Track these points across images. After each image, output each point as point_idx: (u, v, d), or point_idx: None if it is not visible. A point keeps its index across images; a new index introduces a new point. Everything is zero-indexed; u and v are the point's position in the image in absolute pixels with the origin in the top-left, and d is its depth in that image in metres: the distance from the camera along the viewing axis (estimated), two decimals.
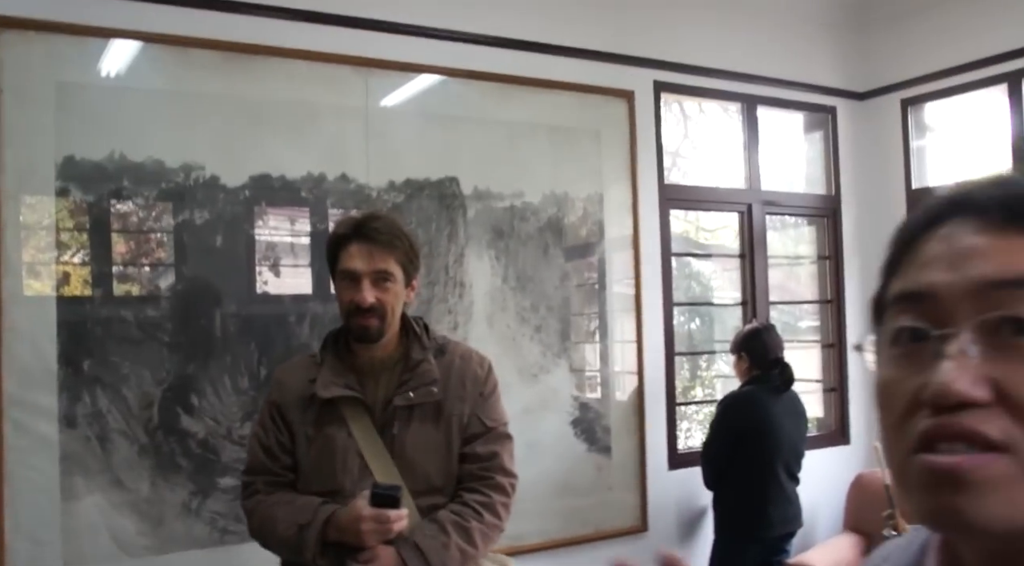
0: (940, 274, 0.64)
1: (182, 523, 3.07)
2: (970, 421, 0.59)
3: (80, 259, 3.00)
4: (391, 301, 2.14)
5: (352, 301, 2.11)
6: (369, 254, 2.12)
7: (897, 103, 4.95)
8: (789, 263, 5.23)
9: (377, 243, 2.13)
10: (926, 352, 0.63)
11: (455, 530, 2.08)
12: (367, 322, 2.11)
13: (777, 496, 3.89)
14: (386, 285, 2.13)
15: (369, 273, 2.12)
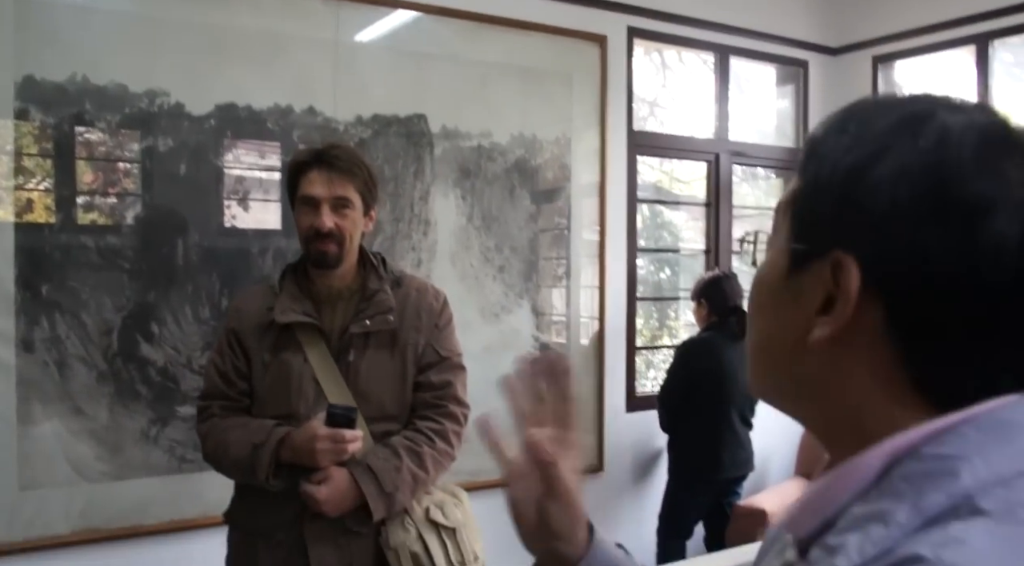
0: None
1: (140, 450, 3.09)
2: None
3: (43, 185, 2.97)
4: (349, 228, 2.15)
5: (311, 226, 2.13)
6: (329, 180, 2.13)
7: (868, 60, 4.98)
8: (758, 214, 5.27)
9: (336, 170, 2.14)
10: None
11: (408, 455, 2.11)
12: (326, 247, 2.13)
13: (730, 440, 3.97)
14: (345, 211, 2.15)
15: (328, 199, 2.13)
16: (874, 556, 0.60)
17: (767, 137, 5.15)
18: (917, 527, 0.60)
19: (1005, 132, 0.66)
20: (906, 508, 0.61)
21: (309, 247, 2.15)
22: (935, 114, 0.66)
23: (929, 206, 0.63)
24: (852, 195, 0.67)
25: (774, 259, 0.74)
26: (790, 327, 0.71)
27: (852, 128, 0.70)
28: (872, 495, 0.65)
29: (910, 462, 0.64)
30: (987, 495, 0.60)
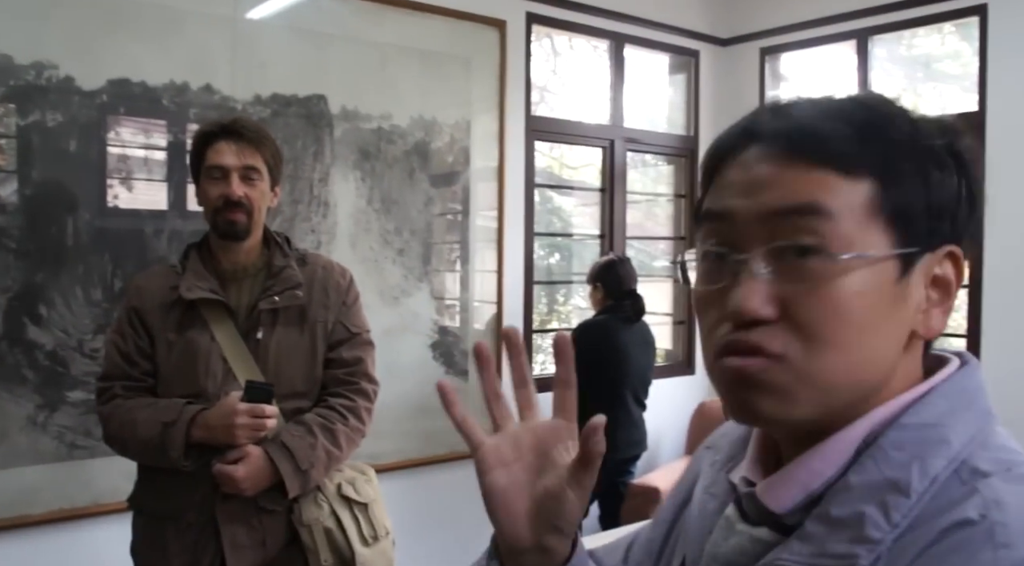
0: (736, 199, 0.73)
1: (27, 437, 2.97)
2: (757, 337, 0.70)
3: None
4: (258, 198, 2.14)
5: (221, 195, 2.10)
6: (238, 150, 2.12)
7: (757, 51, 5.15)
8: (647, 200, 5.39)
9: (245, 140, 2.13)
10: (727, 269, 0.73)
11: (322, 432, 2.11)
12: (235, 216, 2.11)
13: (624, 420, 4.06)
14: (254, 181, 2.14)
15: (238, 168, 2.12)
16: (911, 524, 0.65)
17: (659, 125, 5.27)
18: (934, 493, 0.66)
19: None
20: (916, 475, 0.67)
21: (217, 218, 2.12)
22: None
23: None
24: (960, 189, 0.72)
25: (870, 271, 0.69)
26: (900, 329, 0.72)
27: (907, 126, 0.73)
28: (867, 466, 0.69)
29: (894, 432, 0.70)
30: (976, 457, 0.68)
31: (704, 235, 0.76)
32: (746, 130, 0.76)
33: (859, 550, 0.65)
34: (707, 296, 0.75)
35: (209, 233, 2.21)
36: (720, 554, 0.78)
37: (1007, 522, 0.61)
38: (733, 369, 0.71)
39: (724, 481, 0.85)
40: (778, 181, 0.71)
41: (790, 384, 0.69)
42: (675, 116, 5.31)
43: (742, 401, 0.72)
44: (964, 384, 0.74)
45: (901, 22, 4.47)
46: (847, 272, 0.68)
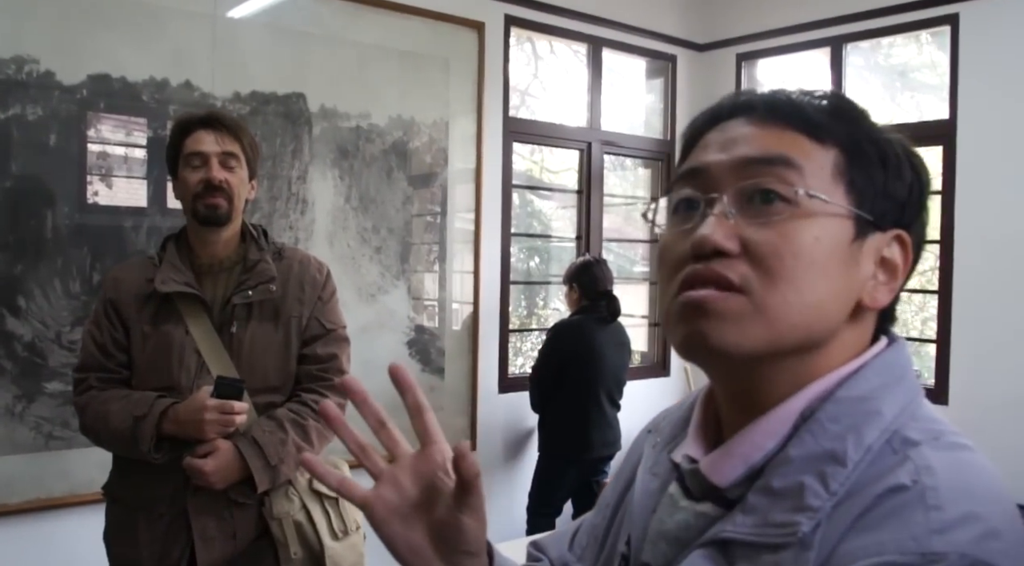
0: (713, 155, 0.79)
1: (4, 427, 2.99)
2: (718, 267, 0.74)
3: None
4: (237, 184, 2.16)
5: (202, 180, 2.11)
6: (217, 137, 2.14)
7: (733, 57, 5.21)
8: (625, 204, 5.45)
9: (224, 128, 2.16)
10: (697, 217, 0.78)
11: (292, 427, 2.12)
12: (216, 201, 2.12)
13: (598, 420, 4.11)
14: (233, 168, 2.16)
15: (218, 154, 2.14)
16: (848, 491, 0.69)
17: (636, 128, 5.33)
18: (868, 461, 0.71)
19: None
20: (852, 445, 0.71)
21: (197, 203, 2.13)
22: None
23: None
24: (912, 187, 0.80)
25: (834, 223, 0.75)
26: (846, 291, 0.76)
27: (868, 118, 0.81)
28: (805, 439, 0.74)
29: (830, 406, 0.75)
30: (907, 427, 0.73)
31: (677, 191, 0.82)
32: (727, 103, 0.83)
33: (799, 518, 0.69)
34: (673, 241, 0.79)
35: (187, 225, 2.22)
36: (665, 530, 0.81)
37: (937, 486, 0.66)
38: (690, 299, 0.74)
39: (666, 460, 0.88)
40: (754, 137, 0.78)
41: (744, 315, 0.73)
42: (652, 120, 5.37)
43: (694, 331, 0.74)
44: (893, 360, 0.79)
45: (875, 30, 4.54)
46: (808, 216, 0.74)
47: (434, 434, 0.84)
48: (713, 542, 0.74)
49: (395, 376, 0.83)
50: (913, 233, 0.79)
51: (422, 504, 0.82)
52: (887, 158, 0.78)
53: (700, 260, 0.75)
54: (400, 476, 0.83)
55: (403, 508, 0.81)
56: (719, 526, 0.74)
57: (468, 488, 0.79)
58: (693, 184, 0.80)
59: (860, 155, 0.77)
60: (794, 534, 0.69)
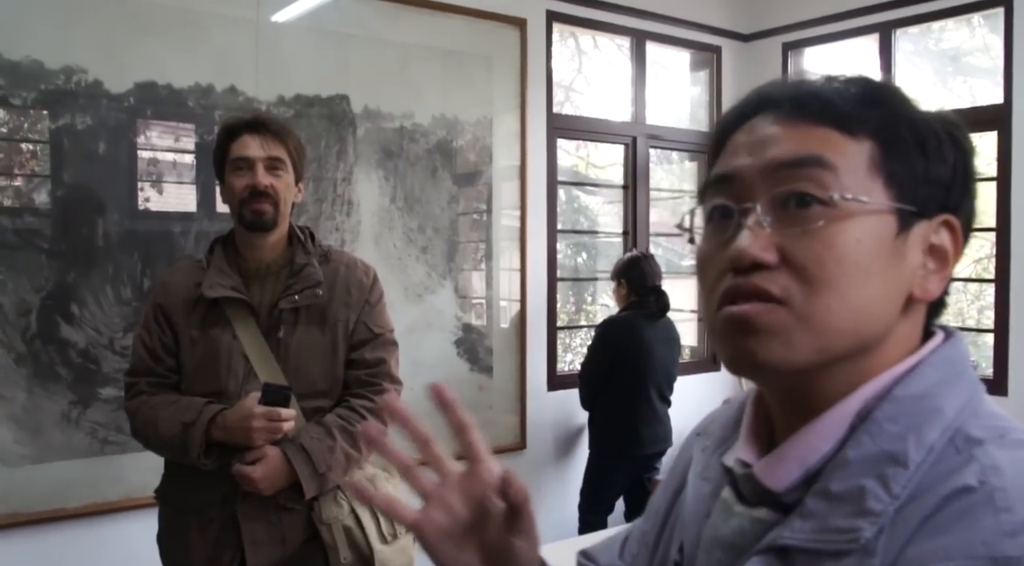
0: (742, 159, 0.76)
1: (61, 433, 3.04)
2: (758, 280, 0.71)
3: None
4: (283, 189, 2.16)
5: (247, 185, 2.12)
6: (262, 142, 2.14)
7: (779, 47, 5.13)
8: (673, 197, 5.39)
9: (270, 133, 2.15)
10: (732, 226, 0.74)
11: (341, 434, 2.12)
12: (262, 207, 2.12)
13: (649, 416, 4.07)
14: (278, 173, 2.16)
15: (263, 159, 2.13)
16: (911, 494, 0.66)
17: (681, 121, 5.28)
18: (931, 462, 0.67)
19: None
20: (913, 446, 0.68)
21: (243, 209, 2.13)
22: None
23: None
24: (956, 166, 0.75)
25: (874, 221, 0.72)
26: (896, 289, 0.73)
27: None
28: (863, 440, 0.70)
29: (887, 405, 0.71)
30: (969, 425, 0.70)
31: (710, 199, 0.78)
32: (752, 99, 0.79)
33: (862, 523, 0.66)
34: (710, 251, 0.77)
35: (234, 229, 2.23)
36: (720, 537, 0.79)
37: (1006, 487, 0.63)
38: (733, 315, 0.72)
39: (717, 465, 0.85)
40: (783, 138, 0.73)
41: (789, 328, 0.70)
42: (697, 113, 5.31)
43: (741, 348, 0.72)
44: (951, 355, 0.75)
45: (925, 14, 4.44)
46: (847, 218, 0.70)
47: (480, 453, 0.83)
48: (771, 549, 0.72)
49: (436, 396, 0.83)
50: (961, 214, 0.75)
51: (473, 525, 0.81)
52: (926, 141, 0.73)
53: (740, 274, 0.72)
54: (449, 496, 0.82)
55: (454, 530, 0.81)
56: (776, 532, 0.72)
57: (519, 512, 0.79)
58: (725, 192, 0.76)
59: (896, 143, 0.73)
60: (856, 540, 0.66)
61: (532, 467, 4.38)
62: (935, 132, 0.74)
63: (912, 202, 0.72)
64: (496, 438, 4.19)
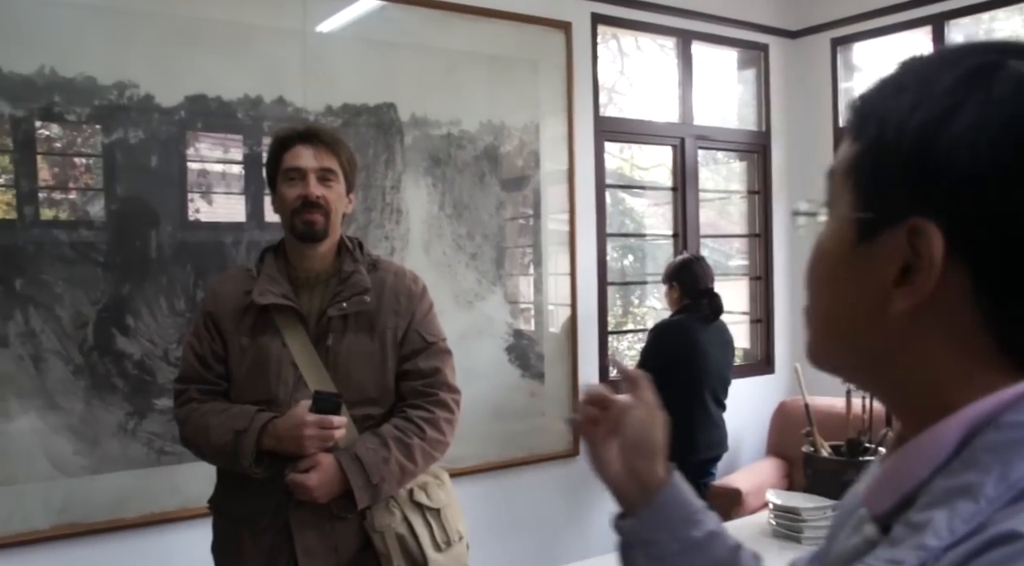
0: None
1: (118, 443, 3.08)
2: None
3: (13, 180, 2.94)
4: (334, 200, 2.17)
5: (299, 196, 2.13)
6: (315, 153, 2.16)
7: (827, 42, 5.06)
8: (720, 198, 5.34)
9: (322, 143, 2.17)
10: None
11: (396, 446, 2.11)
12: (313, 217, 2.13)
13: (704, 421, 4.02)
14: (330, 183, 2.17)
15: (315, 169, 2.15)
16: (966, 533, 0.58)
17: (729, 121, 5.22)
18: (1008, 501, 0.58)
19: None
20: (994, 481, 0.59)
21: (295, 219, 2.15)
22: (1005, 63, 0.62)
23: (1015, 163, 0.60)
24: (926, 157, 0.63)
25: (837, 230, 0.70)
26: (862, 300, 0.68)
27: (912, 85, 0.66)
28: (955, 467, 0.63)
29: (990, 432, 0.62)
30: None
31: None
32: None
33: (908, 556, 0.60)
34: None
35: (285, 238, 2.24)
36: (841, 552, 0.75)
37: None
38: None
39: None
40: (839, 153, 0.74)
41: (808, 328, 0.76)
42: (746, 112, 5.25)
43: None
44: None
45: (979, 5, 4.34)
46: (823, 227, 0.74)
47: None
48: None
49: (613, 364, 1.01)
50: (949, 217, 0.62)
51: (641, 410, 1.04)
52: (899, 140, 0.64)
53: None
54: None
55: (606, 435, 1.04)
56: (868, 556, 0.67)
57: (634, 383, 1.04)
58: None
59: (873, 144, 0.67)
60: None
61: (585, 474, 4.30)
62: (919, 129, 0.64)
63: (875, 208, 0.66)
64: (548, 445, 4.16)
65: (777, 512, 2.67)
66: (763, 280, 5.17)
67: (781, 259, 5.19)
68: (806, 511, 2.59)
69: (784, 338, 5.20)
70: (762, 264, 5.18)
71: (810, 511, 2.59)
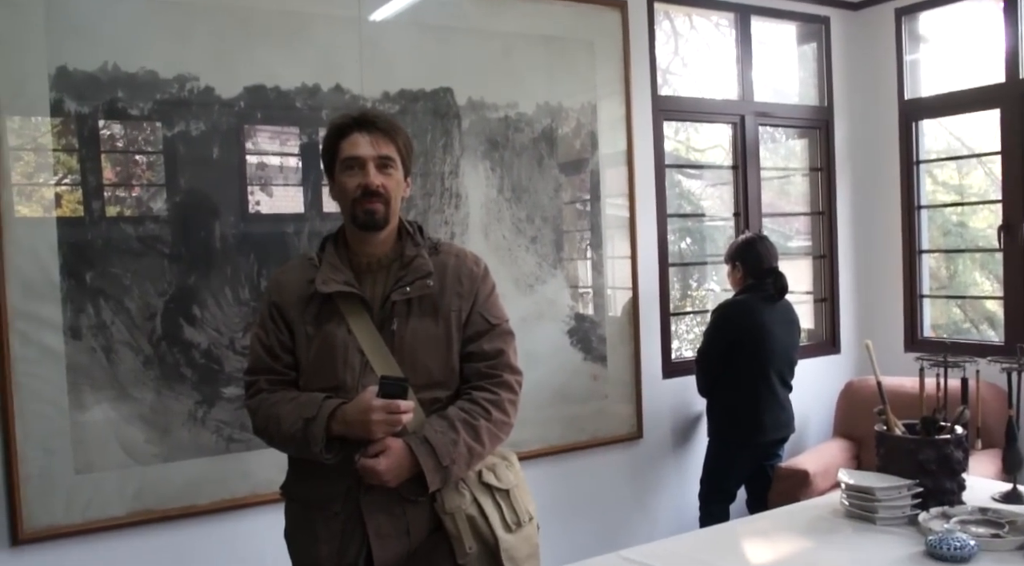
0: None
1: (188, 431, 3.13)
2: None
3: (80, 176, 2.99)
4: (394, 187, 2.16)
5: (360, 185, 2.13)
6: (372, 141, 2.14)
7: (891, 13, 4.93)
8: (779, 177, 5.24)
9: (379, 130, 2.15)
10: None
11: (464, 428, 2.11)
12: (374, 206, 2.13)
13: (770, 402, 3.97)
14: (389, 171, 2.16)
15: (374, 157, 2.14)
16: None
17: (789, 97, 5.12)
18: None
19: None
20: None
21: (356, 209, 2.15)
22: None
23: None
24: None
25: None
26: None
27: None
28: None
29: None
30: None
31: None
32: None
33: None
34: None
35: (344, 225, 2.24)
36: None
37: None
38: None
39: None
40: None
41: None
42: (806, 87, 5.15)
43: None
44: None
45: None
46: None
47: None
48: None
49: None
50: None
51: None
52: None
53: None
54: None
55: None
56: None
57: None
58: None
59: None
60: None
61: (649, 457, 4.32)
62: None
63: None
64: (612, 428, 4.14)
65: (850, 492, 2.62)
66: (827, 259, 5.07)
67: (845, 237, 5.08)
68: (880, 491, 2.53)
69: (849, 317, 5.10)
70: (826, 243, 5.08)
71: (884, 491, 2.53)
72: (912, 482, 2.55)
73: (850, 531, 2.52)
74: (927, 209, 4.99)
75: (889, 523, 2.51)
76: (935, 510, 2.48)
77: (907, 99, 4.91)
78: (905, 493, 2.53)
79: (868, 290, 5.12)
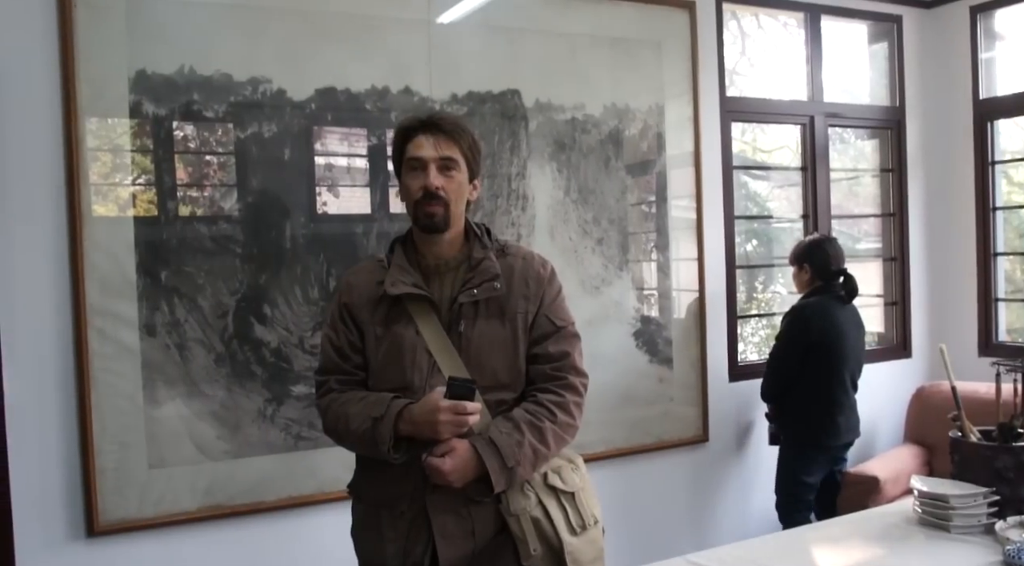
0: None
1: (258, 429, 3.18)
2: None
3: (157, 177, 3.06)
4: (454, 190, 2.17)
5: (421, 187, 2.14)
6: (435, 143, 2.15)
7: (966, 11, 4.83)
8: (848, 178, 5.16)
9: (443, 132, 2.16)
10: None
11: (529, 429, 2.11)
12: (433, 209, 2.14)
13: (845, 404, 3.92)
14: (451, 173, 2.17)
15: (435, 159, 2.15)
16: None
17: (860, 97, 5.03)
18: None
19: None
20: None
21: (417, 211, 2.16)
22: None
23: None
24: None
25: None
26: None
27: None
28: None
29: None
30: None
31: None
32: None
33: None
34: None
35: (412, 227, 2.26)
36: None
37: None
38: None
39: None
40: None
41: None
42: (878, 86, 5.05)
43: None
44: None
45: None
46: None
47: None
48: None
49: None
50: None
51: None
52: None
53: None
54: None
55: None
56: None
57: None
58: None
59: None
60: None
61: (715, 460, 4.28)
62: None
63: None
64: (678, 431, 4.11)
65: (923, 499, 2.57)
66: (898, 261, 4.98)
67: (917, 239, 4.98)
68: (955, 498, 2.48)
69: (921, 321, 5.00)
70: (897, 245, 4.98)
71: (959, 498, 2.48)
72: (988, 490, 2.49)
73: (923, 539, 2.47)
74: (1002, 211, 4.87)
75: (964, 532, 2.46)
76: (1012, 519, 2.42)
77: (982, 98, 4.80)
78: (981, 501, 2.48)
79: (941, 293, 5.01)
